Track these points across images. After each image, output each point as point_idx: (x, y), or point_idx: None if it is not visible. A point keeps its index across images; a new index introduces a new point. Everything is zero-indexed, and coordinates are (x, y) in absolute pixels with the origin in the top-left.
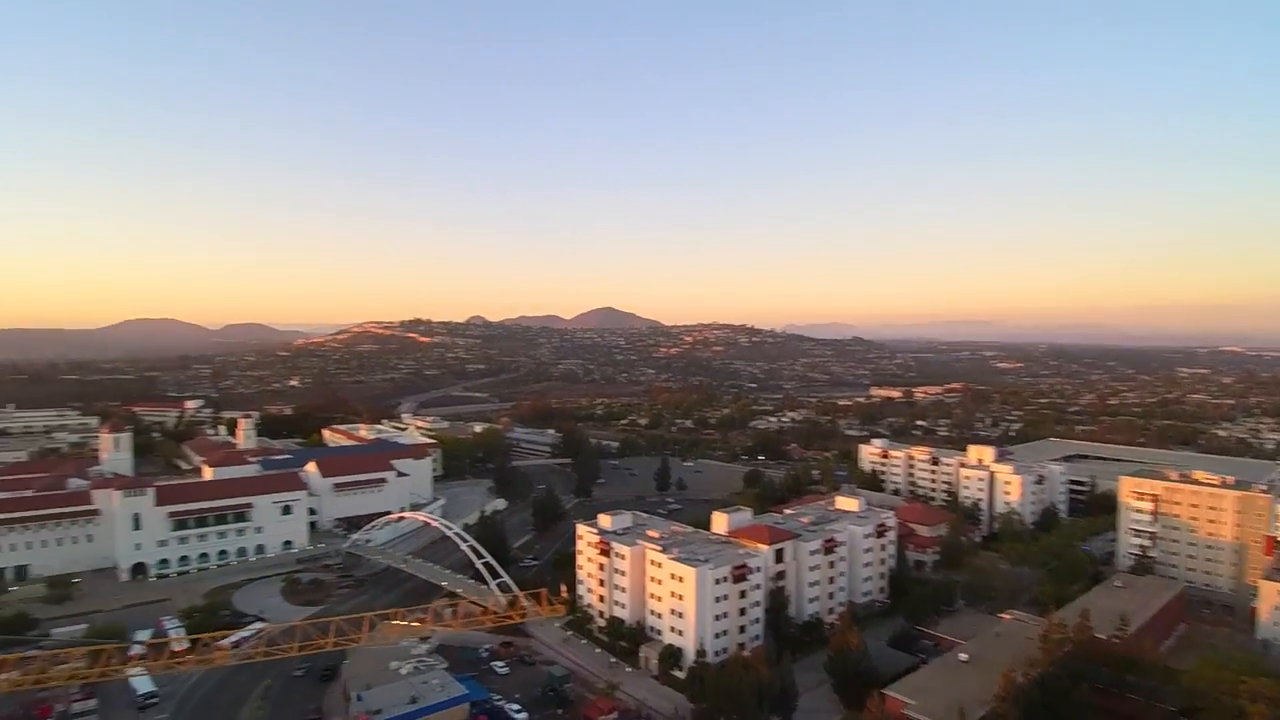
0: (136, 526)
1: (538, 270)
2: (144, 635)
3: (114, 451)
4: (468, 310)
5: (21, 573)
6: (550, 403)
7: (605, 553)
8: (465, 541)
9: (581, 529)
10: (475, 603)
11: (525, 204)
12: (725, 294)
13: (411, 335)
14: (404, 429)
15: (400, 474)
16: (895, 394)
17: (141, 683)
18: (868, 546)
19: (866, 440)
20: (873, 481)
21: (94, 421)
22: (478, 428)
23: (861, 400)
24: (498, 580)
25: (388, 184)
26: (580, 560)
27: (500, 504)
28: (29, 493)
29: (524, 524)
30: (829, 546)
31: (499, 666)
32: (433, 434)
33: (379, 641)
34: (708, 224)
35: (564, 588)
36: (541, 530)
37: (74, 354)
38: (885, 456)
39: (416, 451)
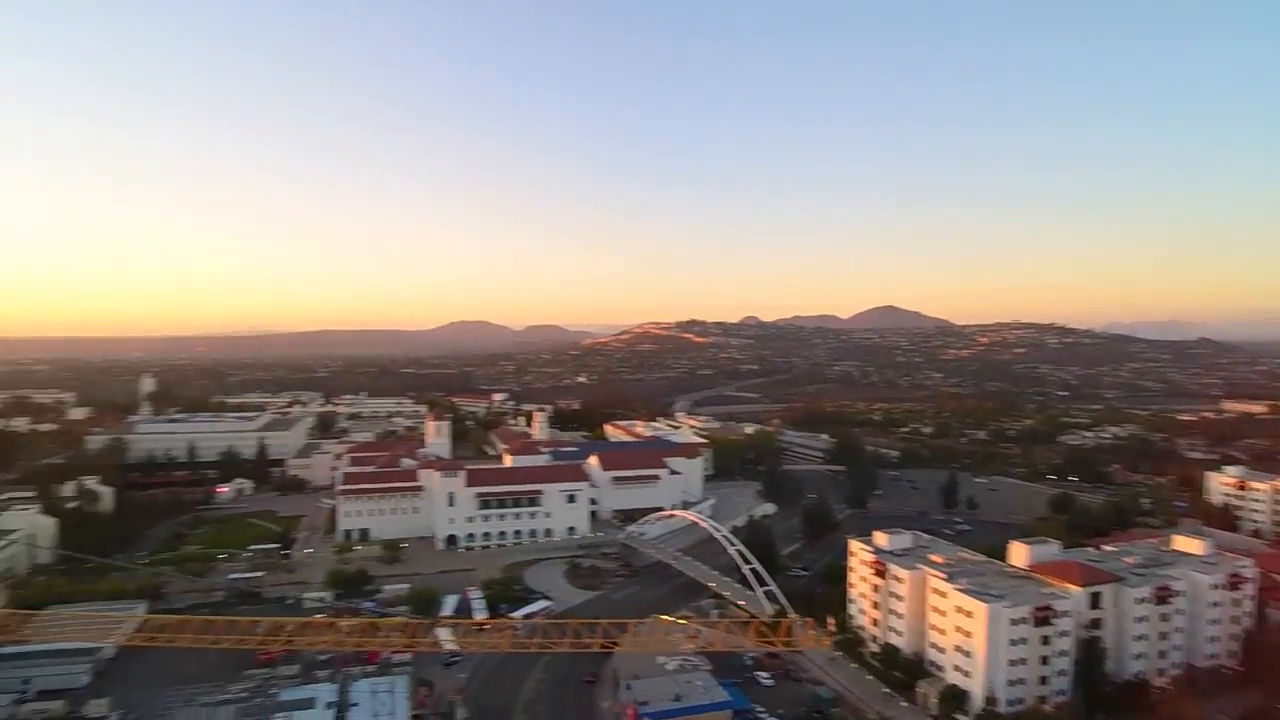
0: (451, 503)
1: (813, 268)
2: (451, 601)
3: (436, 437)
4: (741, 310)
5: (365, 535)
6: (824, 406)
7: (881, 574)
8: (733, 544)
9: (855, 545)
10: (742, 608)
11: (799, 201)
12: (1028, 289)
13: (687, 335)
14: (677, 427)
15: (673, 472)
16: (1258, 409)
17: (445, 635)
18: (1215, 599)
19: (1216, 466)
20: (1224, 518)
21: (423, 409)
22: (749, 429)
23: (1210, 415)
24: (764, 588)
25: (664, 188)
26: (852, 578)
27: (769, 508)
28: (372, 468)
29: (793, 531)
30: (1162, 595)
31: (763, 677)
32: (704, 433)
33: (642, 648)
34: (1005, 212)
35: (832, 620)
36: (811, 540)
37: (410, 351)
38: (1243, 488)
39: (688, 450)
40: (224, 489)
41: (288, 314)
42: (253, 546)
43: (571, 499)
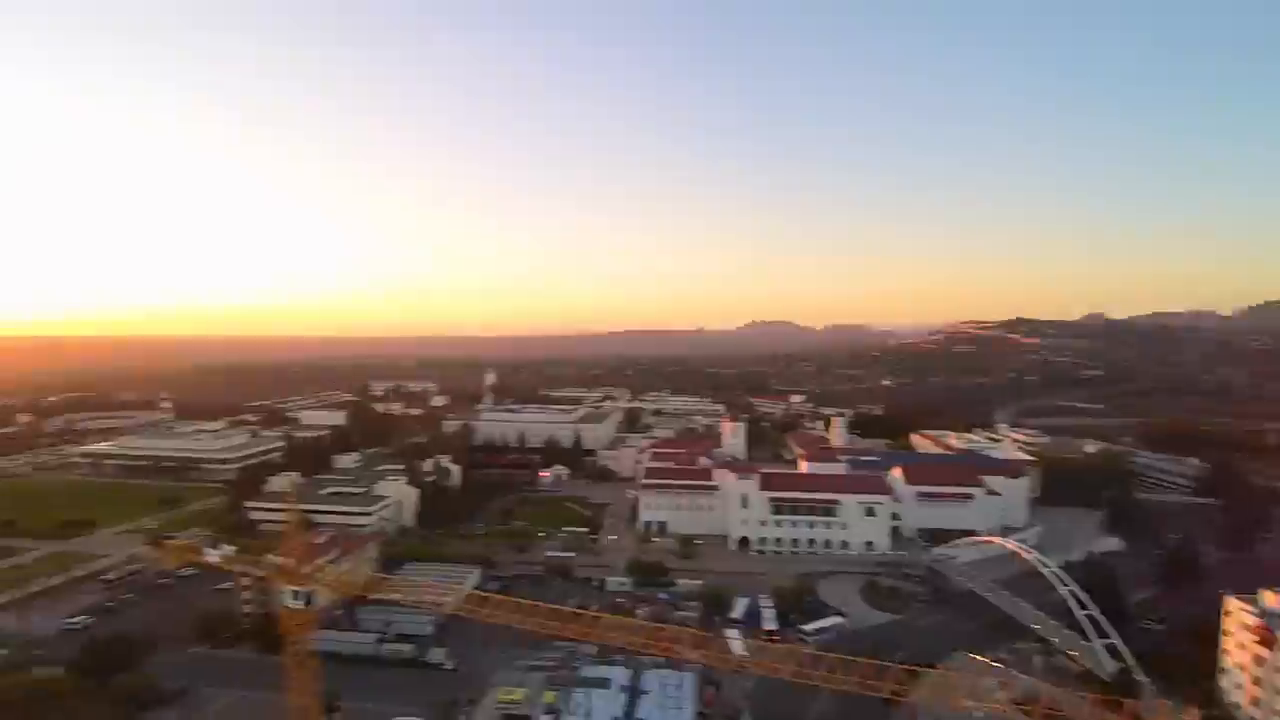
0: (744, 505)
1: (1180, 256)
2: (742, 605)
3: (731, 437)
4: (1082, 305)
5: (663, 528)
6: (1195, 423)
7: (1268, 643)
8: (1064, 584)
9: (1233, 603)
10: (1074, 660)
11: (1160, 177)
12: None
13: (1011, 336)
14: (997, 441)
15: (990, 492)
16: None
17: (736, 645)
18: None
19: None
20: None
21: (721, 409)
22: (1089, 447)
23: None
24: (1104, 640)
25: (986, 176)
26: (1227, 644)
27: (1112, 544)
28: (672, 465)
29: (1143, 575)
30: None
31: None
32: (1031, 449)
33: (943, 699)
34: None
35: (1196, 710)
36: (1169, 587)
37: (713, 352)
38: None
39: (1010, 469)
40: (546, 474)
41: (607, 315)
42: (566, 528)
43: (871, 512)
